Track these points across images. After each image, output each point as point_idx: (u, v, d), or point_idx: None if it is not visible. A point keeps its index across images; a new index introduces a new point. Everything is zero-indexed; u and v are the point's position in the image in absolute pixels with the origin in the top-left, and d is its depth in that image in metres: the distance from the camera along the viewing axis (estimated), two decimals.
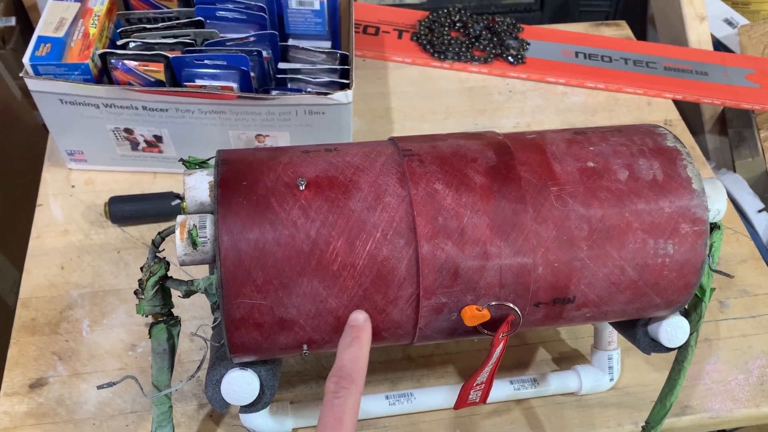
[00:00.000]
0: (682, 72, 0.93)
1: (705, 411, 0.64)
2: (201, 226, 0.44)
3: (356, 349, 0.41)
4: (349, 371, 0.39)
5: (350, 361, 0.40)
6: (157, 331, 0.49)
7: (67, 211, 0.75)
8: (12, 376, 0.63)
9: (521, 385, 0.63)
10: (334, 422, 0.37)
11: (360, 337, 0.41)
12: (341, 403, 0.38)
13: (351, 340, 0.41)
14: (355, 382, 0.39)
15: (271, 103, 0.68)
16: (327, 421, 0.37)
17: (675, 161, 0.48)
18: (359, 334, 0.42)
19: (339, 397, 0.38)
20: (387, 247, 0.44)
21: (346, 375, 0.39)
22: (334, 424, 0.37)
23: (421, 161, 0.46)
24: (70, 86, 0.67)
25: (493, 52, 0.92)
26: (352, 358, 0.40)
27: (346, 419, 0.37)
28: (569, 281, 0.46)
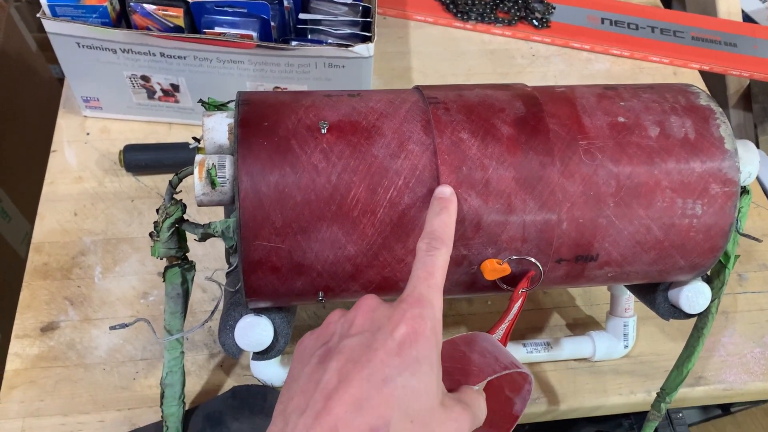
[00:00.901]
0: (711, 42, 0.91)
1: (719, 382, 0.64)
2: (220, 166, 0.43)
3: (446, 216, 0.41)
4: (440, 234, 0.40)
5: (440, 226, 0.41)
6: (171, 274, 0.49)
7: (81, 158, 0.74)
8: (23, 319, 0.63)
9: (534, 348, 0.62)
10: (426, 275, 0.38)
11: (448, 206, 0.42)
12: (433, 259, 0.39)
13: (440, 209, 0.42)
14: (445, 243, 0.40)
15: (290, 54, 0.67)
16: (419, 274, 0.38)
17: (708, 120, 0.47)
18: (447, 204, 0.42)
19: (431, 255, 0.39)
20: (409, 196, 0.43)
21: (438, 237, 0.40)
22: (426, 277, 0.38)
23: (446, 109, 0.45)
24: (87, 29, 0.66)
25: (517, 14, 0.90)
26: (441, 223, 0.41)
27: (437, 273, 0.38)
28: (593, 238, 0.45)
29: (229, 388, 0.60)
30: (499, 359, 0.41)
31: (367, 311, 0.37)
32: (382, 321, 0.36)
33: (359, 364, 0.34)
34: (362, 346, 0.35)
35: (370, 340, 0.35)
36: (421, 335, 0.35)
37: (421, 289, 0.37)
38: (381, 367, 0.34)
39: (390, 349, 0.34)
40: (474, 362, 0.40)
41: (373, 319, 0.37)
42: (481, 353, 0.41)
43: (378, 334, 0.35)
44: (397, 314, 0.36)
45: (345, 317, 0.38)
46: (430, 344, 0.35)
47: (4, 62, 0.98)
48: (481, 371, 0.40)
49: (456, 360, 0.40)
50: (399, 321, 0.35)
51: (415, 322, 0.35)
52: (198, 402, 0.59)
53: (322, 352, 0.36)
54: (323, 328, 0.39)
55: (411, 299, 0.37)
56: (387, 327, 0.35)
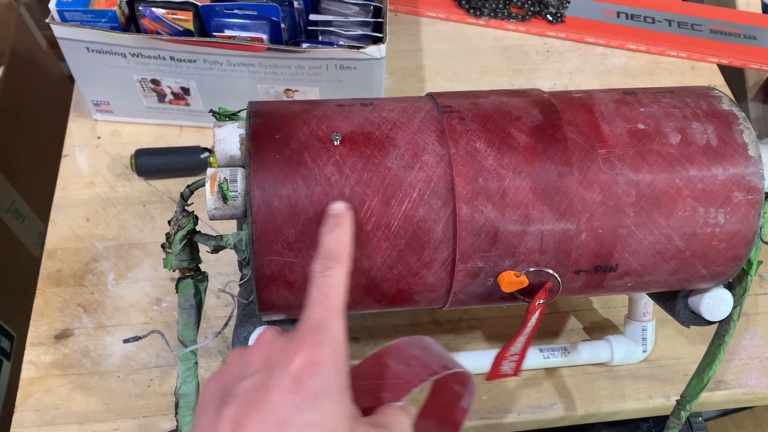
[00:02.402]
0: (729, 35, 0.89)
1: (739, 386, 0.63)
2: (232, 180, 0.42)
3: (340, 233, 0.39)
4: (334, 252, 0.38)
5: (335, 244, 0.39)
6: (184, 286, 0.48)
7: (92, 163, 0.74)
8: (38, 327, 0.63)
9: (551, 354, 0.62)
10: (321, 298, 0.36)
11: (342, 223, 0.40)
12: (327, 280, 0.37)
13: (334, 225, 0.40)
14: (340, 261, 0.38)
15: (301, 56, 0.66)
16: (315, 298, 0.36)
17: (731, 126, 0.45)
18: (341, 220, 0.40)
19: (326, 275, 0.37)
20: (423, 208, 0.42)
21: (332, 256, 0.38)
22: (322, 300, 0.36)
23: (461, 118, 0.44)
24: (96, 34, 0.65)
25: (531, 9, 0.89)
26: (336, 241, 0.39)
27: (332, 294, 0.36)
28: (613, 249, 0.44)
29: None
30: (427, 364, 0.38)
31: (263, 346, 0.35)
32: (279, 355, 0.34)
33: (254, 407, 0.32)
34: (257, 386, 0.33)
35: (266, 378, 0.33)
36: (319, 364, 0.33)
37: (318, 313, 0.35)
38: (277, 408, 0.32)
39: (286, 385, 0.32)
40: (399, 374, 0.38)
41: (270, 354, 0.35)
42: (407, 362, 0.38)
43: (274, 371, 0.33)
44: (293, 345, 0.34)
45: (242, 356, 0.36)
46: (331, 372, 0.33)
47: (15, 60, 0.98)
48: (406, 382, 0.38)
49: (378, 376, 0.38)
50: (295, 353, 0.33)
51: (312, 351, 0.33)
52: None
53: (219, 397, 0.34)
54: (223, 369, 0.36)
55: (306, 326, 0.35)
56: (283, 361, 0.33)
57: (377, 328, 0.64)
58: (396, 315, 0.65)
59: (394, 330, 0.64)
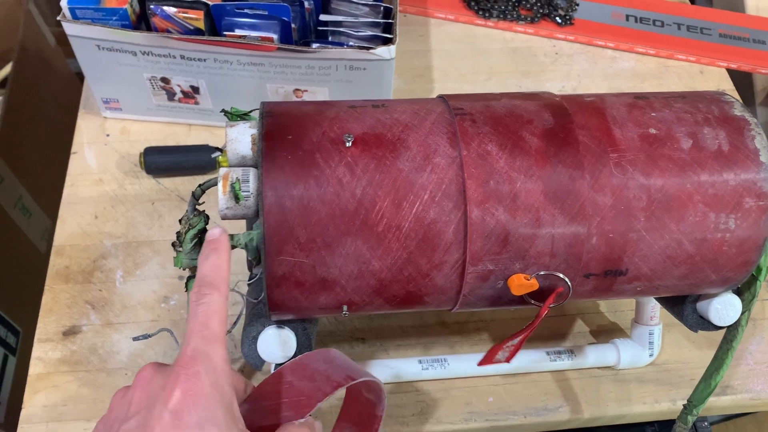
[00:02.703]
0: (739, 40, 0.89)
1: (746, 392, 0.63)
2: (244, 180, 0.42)
3: (215, 258, 0.39)
4: (210, 279, 0.38)
5: (210, 270, 0.39)
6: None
7: (101, 160, 0.74)
8: (46, 323, 0.63)
9: (557, 356, 0.62)
10: (199, 327, 0.36)
11: (218, 248, 0.40)
12: (205, 308, 0.37)
13: (209, 252, 0.40)
14: (217, 288, 0.38)
15: (311, 57, 0.66)
16: (192, 327, 0.36)
17: (742, 131, 0.45)
18: (216, 246, 0.40)
19: (202, 303, 0.37)
20: (434, 210, 0.42)
21: (207, 283, 0.38)
22: (200, 329, 0.36)
23: (473, 121, 0.44)
24: (107, 32, 0.66)
25: (540, 11, 0.89)
26: (211, 267, 0.39)
27: (211, 323, 0.36)
28: (623, 253, 0.44)
29: None
30: (331, 378, 0.39)
31: (143, 385, 0.35)
32: (157, 392, 0.34)
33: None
34: (138, 428, 0.33)
35: (146, 418, 0.33)
36: (198, 396, 0.33)
37: (195, 343, 0.35)
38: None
39: (166, 423, 0.32)
40: (302, 391, 0.38)
41: (149, 392, 0.34)
42: (310, 378, 0.39)
43: (153, 410, 0.33)
44: (171, 380, 0.34)
45: (124, 398, 0.36)
46: (212, 402, 0.33)
47: (23, 57, 0.98)
48: (309, 398, 0.38)
49: (282, 394, 0.38)
50: (173, 387, 0.33)
51: (190, 383, 0.33)
52: None
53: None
54: (107, 414, 0.36)
55: (184, 359, 0.34)
56: (162, 398, 0.33)
57: (384, 328, 0.64)
58: (403, 316, 0.65)
59: (400, 331, 0.64)
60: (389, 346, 0.63)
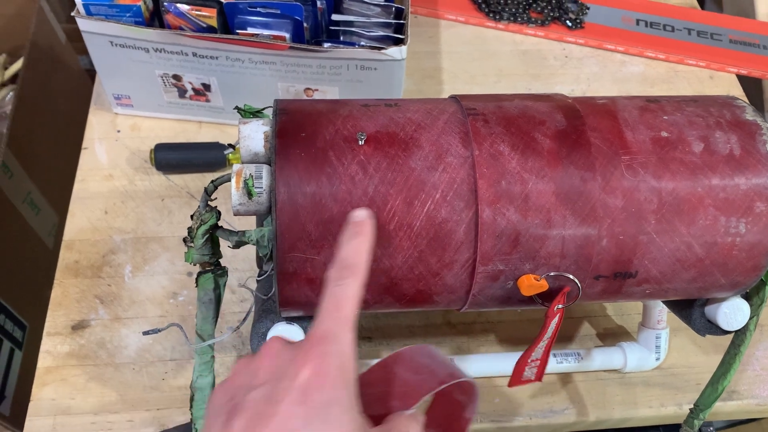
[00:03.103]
0: (749, 46, 0.89)
1: (752, 397, 0.63)
2: (257, 176, 0.42)
3: (358, 242, 0.38)
4: (351, 262, 0.37)
5: (352, 253, 0.38)
6: (204, 280, 0.49)
7: (111, 156, 0.74)
8: (55, 317, 0.64)
9: (564, 359, 0.62)
10: (333, 308, 0.35)
11: (363, 231, 0.39)
12: (341, 290, 0.36)
13: (353, 233, 0.39)
14: (356, 272, 0.37)
15: (323, 56, 0.66)
16: (326, 307, 0.36)
17: (754, 136, 0.45)
18: (362, 229, 0.39)
19: (339, 285, 0.36)
20: (446, 209, 0.43)
21: (348, 265, 0.37)
22: (333, 310, 0.35)
23: (485, 121, 0.44)
24: (120, 28, 0.66)
25: (550, 14, 0.89)
26: (354, 250, 0.38)
27: (346, 306, 0.36)
28: (633, 255, 0.44)
29: None
30: (435, 373, 0.38)
31: (271, 357, 0.35)
32: (286, 366, 0.34)
33: (263, 420, 0.32)
34: (266, 399, 0.32)
35: (273, 390, 0.33)
36: (326, 376, 0.33)
37: (327, 323, 0.35)
38: (286, 422, 0.31)
39: (294, 398, 0.32)
40: (408, 382, 0.38)
41: (277, 365, 0.34)
42: (415, 371, 0.38)
43: (281, 383, 0.33)
44: (300, 356, 0.33)
45: (249, 366, 0.36)
46: (338, 384, 0.33)
47: (34, 53, 0.99)
48: (414, 391, 0.37)
49: (387, 383, 0.38)
50: (302, 364, 0.33)
51: (319, 362, 0.33)
52: None
53: (228, 409, 0.34)
54: (230, 380, 0.36)
55: (314, 337, 0.34)
56: (290, 372, 0.33)
57: (391, 327, 0.65)
58: (410, 316, 0.65)
59: (407, 330, 0.65)
60: (396, 346, 0.63)
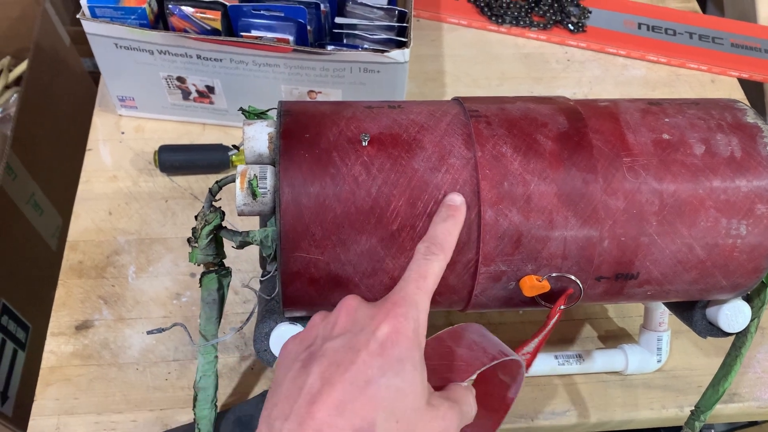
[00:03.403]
0: (750, 50, 0.89)
1: (753, 399, 0.63)
2: (261, 177, 0.43)
3: (451, 224, 0.41)
4: (441, 240, 0.40)
5: (443, 232, 0.40)
6: (208, 280, 0.49)
7: (116, 157, 0.75)
8: (59, 317, 0.64)
9: (566, 361, 0.62)
10: (417, 277, 0.38)
11: (455, 215, 0.41)
12: (428, 263, 0.38)
13: (447, 216, 0.41)
14: (444, 250, 0.39)
15: (326, 59, 0.67)
16: (411, 275, 0.38)
17: (755, 138, 0.46)
18: (455, 213, 0.41)
19: (427, 259, 0.39)
20: None
21: (438, 243, 0.40)
22: (417, 279, 0.38)
23: (488, 123, 0.45)
24: (125, 30, 0.66)
25: (553, 18, 0.89)
26: (444, 230, 0.40)
27: (429, 278, 0.38)
28: (635, 257, 0.44)
29: (260, 391, 0.60)
30: (487, 350, 0.40)
31: (350, 311, 0.37)
32: (365, 321, 0.36)
33: (342, 366, 0.34)
34: (344, 347, 0.35)
35: (352, 341, 0.35)
36: (403, 335, 0.35)
37: (409, 289, 0.37)
38: (364, 369, 0.34)
39: (372, 349, 0.34)
40: (461, 357, 0.40)
41: (356, 319, 0.36)
42: (468, 347, 0.40)
43: (360, 335, 0.35)
44: (381, 314, 0.36)
45: (327, 319, 0.37)
46: (413, 344, 0.35)
47: (39, 55, 0.99)
48: (468, 366, 0.39)
49: (443, 357, 0.40)
50: (381, 320, 0.35)
51: (398, 322, 0.35)
52: (229, 405, 0.59)
53: (305, 356, 0.36)
54: (306, 331, 0.38)
55: (396, 298, 0.36)
56: (369, 327, 0.35)
57: None
58: None
59: None
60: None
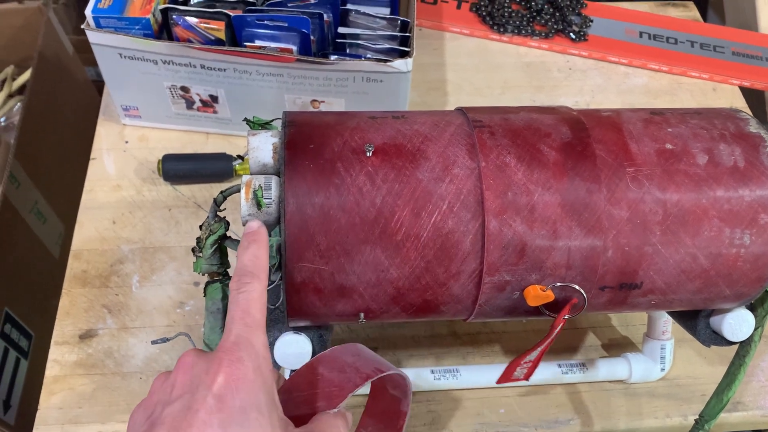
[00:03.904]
0: (751, 58, 0.89)
1: (757, 408, 0.63)
2: (266, 187, 0.43)
3: (255, 249, 0.40)
4: (250, 268, 0.39)
5: (250, 260, 0.39)
6: (212, 290, 0.49)
7: (119, 166, 0.75)
8: (63, 326, 0.64)
9: (569, 369, 0.62)
10: (241, 314, 0.37)
11: (257, 239, 0.41)
12: (245, 296, 0.38)
13: (248, 243, 0.41)
14: (257, 276, 0.39)
15: (329, 68, 0.67)
16: (234, 315, 0.37)
17: (758, 148, 0.46)
18: (256, 237, 0.41)
19: (243, 291, 0.38)
20: (453, 220, 0.43)
21: (248, 272, 0.39)
22: (242, 316, 0.37)
23: (491, 133, 0.45)
24: (130, 41, 0.67)
25: (554, 27, 0.90)
26: (251, 257, 0.40)
27: (252, 310, 0.37)
28: (638, 266, 0.45)
29: None
30: (360, 370, 0.39)
31: (186, 369, 0.35)
32: (201, 377, 0.34)
33: (181, 431, 0.32)
34: (183, 410, 0.33)
35: (190, 401, 0.33)
36: (241, 381, 0.34)
37: (237, 330, 0.36)
38: (203, 429, 0.32)
39: (210, 406, 0.33)
40: (333, 382, 0.39)
41: (192, 376, 0.35)
42: (341, 369, 0.40)
43: (197, 393, 0.33)
44: (214, 365, 0.34)
45: (167, 382, 0.36)
46: (255, 387, 0.34)
47: (42, 64, 1.00)
48: (340, 390, 0.38)
49: (313, 385, 0.39)
50: (216, 372, 0.34)
51: (234, 368, 0.34)
52: None
53: (146, 426, 0.34)
54: (148, 397, 0.37)
55: (227, 345, 0.35)
56: (205, 382, 0.34)
57: (396, 337, 0.65)
58: (415, 326, 0.66)
59: (412, 340, 0.65)
60: (402, 356, 0.64)
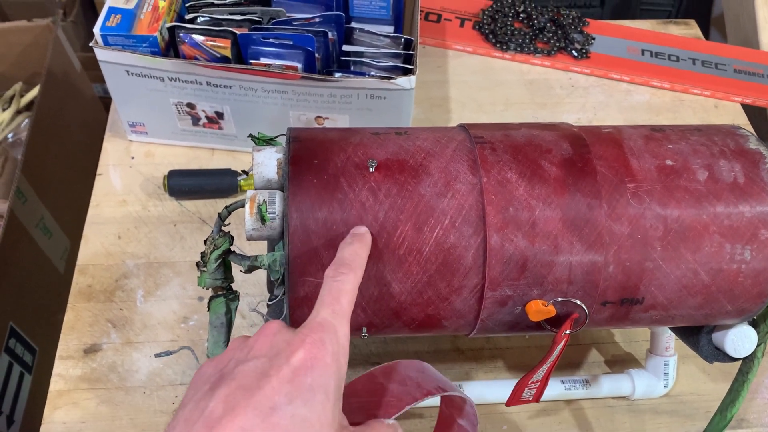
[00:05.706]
0: (753, 75, 0.90)
1: (762, 426, 0.62)
2: (270, 202, 0.43)
3: (357, 246, 0.41)
4: (348, 261, 0.39)
5: (350, 254, 0.40)
6: (216, 304, 0.50)
7: (126, 182, 0.76)
8: (67, 340, 0.64)
9: (572, 386, 0.62)
10: (331, 300, 0.37)
11: (361, 239, 0.41)
12: (339, 285, 0.38)
13: (353, 239, 0.41)
14: (353, 270, 0.39)
15: (333, 85, 0.68)
16: (324, 299, 0.37)
17: (758, 164, 0.46)
18: (361, 238, 0.41)
19: (337, 280, 0.38)
20: (455, 235, 0.43)
21: (346, 263, 0.39)
22: (331, 302, 0.37)
23: (493, 149, 0.46)
24: (137, 58, 0.68)
25: (557, 45, 0.91)
26: (352, 252, 0.40)
27: (342, 299, 0.37)
28: (639, 282, 0.45)
29: None
30: (422, 385, 0.39)
31: (268, 335, 0.36)
32: (281, 346, 0.35)
33: (249, 391, 0.33)
34: (256, 372, 0.34)
35: (265, 365, 0.34)
36: (319, 361, 0.34)
37: (325, 314, 0.36)
38: (271, 395, 0.32)
39: (284, 375, 0.33)
40: (392, 392, 0.39)
41: (273, 343, 0.35)
42: (401, 382, 0.39)
43: (275, 360, 0.34)
44: (297, 339, 0.35)
45: (245, 342, 0.37)
46: (329, 372, 0.34)
47: (50, 80, 1.01)
48: (399, 401, 0.38)
49: (372, 394, 0.39)
50: (298, 346, 0.34)
51: (314, 348, 0.34)
52: None
53: (216, 378, 0.35)
54: (224, 353, 0.37)
55: (313, 324, 0.36)
56: (285, 352, 0.34)
57: (399, 353, 0.65)
58: (418, 341, 0.66)
59: (415, 356, 0.64)
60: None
